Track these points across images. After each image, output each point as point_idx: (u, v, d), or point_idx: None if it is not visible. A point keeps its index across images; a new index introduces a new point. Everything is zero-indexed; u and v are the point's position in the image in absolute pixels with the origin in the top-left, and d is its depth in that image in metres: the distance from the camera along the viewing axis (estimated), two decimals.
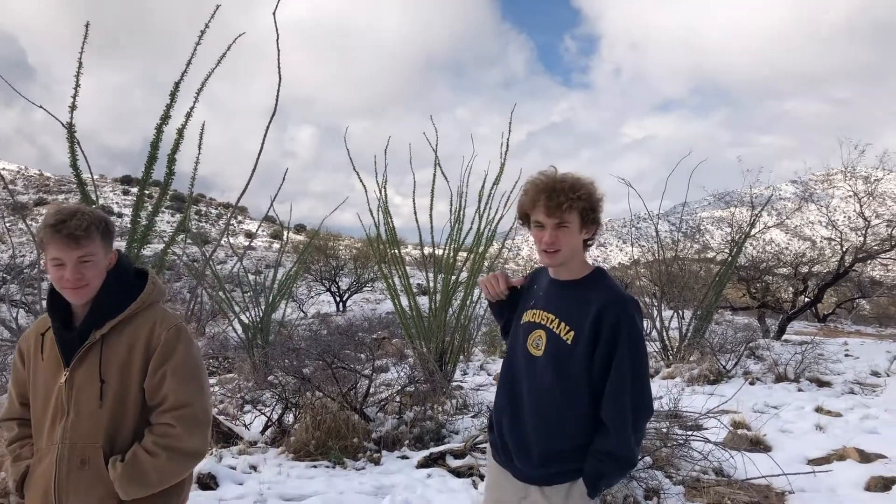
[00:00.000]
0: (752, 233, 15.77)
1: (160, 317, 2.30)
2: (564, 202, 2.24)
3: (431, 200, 9.65)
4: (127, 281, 2.31)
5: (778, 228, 18.93)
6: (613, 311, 2.25)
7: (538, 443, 2.36)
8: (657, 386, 9.83)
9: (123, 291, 2.28)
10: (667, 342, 12.98)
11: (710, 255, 18.86)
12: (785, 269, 18.69)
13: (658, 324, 13.10)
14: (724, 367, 11.24)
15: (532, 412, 2.39)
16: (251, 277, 14.45)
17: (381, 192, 9.65)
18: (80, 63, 4.81)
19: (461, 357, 9.84)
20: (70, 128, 4.92)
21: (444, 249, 9.81)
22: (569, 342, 2.31)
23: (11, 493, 2.30)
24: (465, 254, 9.98)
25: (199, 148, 5.31)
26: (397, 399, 7.60)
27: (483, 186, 9.55)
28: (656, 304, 13.73)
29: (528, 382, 2.41)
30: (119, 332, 2.25)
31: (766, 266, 18.45)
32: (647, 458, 5.21)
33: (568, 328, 2.33)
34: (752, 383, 10.20)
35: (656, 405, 7.29)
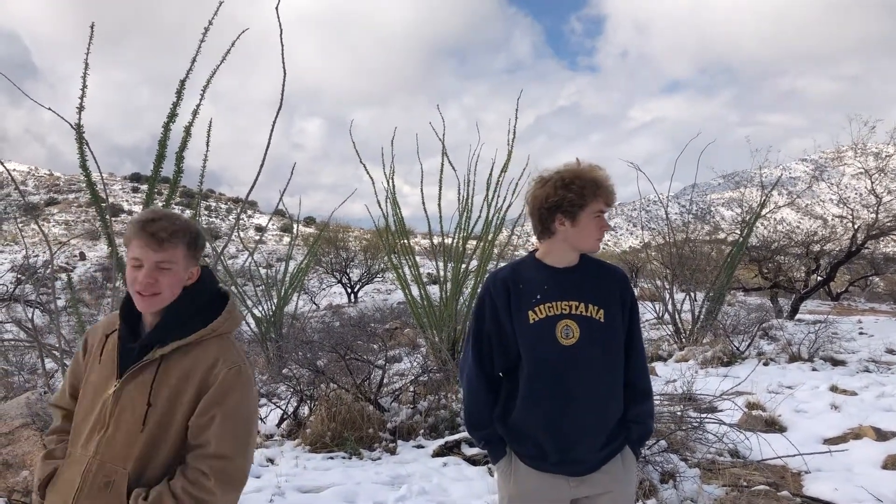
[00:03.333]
0: (763, 213, 15.68)
1: (225, 351, 2.11)
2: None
3: (440, 190, 9.66)
4: (203, 301, 2.15)
5: (789, 207, 18.84)
6: (627, 283, 2.50)
7: (601, 426, 2.43)
8: (671, 369, 9.82)
9: (197, 312, 2.12)
10: (679, 325, 12.96)
11: (721, 236, 18.79)
12: (797, 249, 18.60)
13: (670, 306, 13.08)
14: (738, 349, 11.23)
15: (588, 400, 2.40)
16: (262, 271, 14.53)
17: (388, 183, 9.67)
18: (87, 64, 4.83)
19: None
20: (78, 129, 4.93)
21: (453, 238, 9.83)
22: (602, 320, 2.41)
23: (34, 491, 2.17)
24: (474, 242, 9.99)
25: (207, 145, 5.33)
26: (411, 389, 7.63)
27: (491, 174, 9.55)
28: (668, 286, 13.70)
29: (573, 373, 2.39)
30: (180, 356, 2.07)
31: (778, 246, 18.37)
32: (662, 442, 5.21)
33: (597, 307, 2.41)
34: (765, 364, 10.18)
35: (670, 388, 7.30)
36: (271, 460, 6.00)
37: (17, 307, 14.07)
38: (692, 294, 13.22)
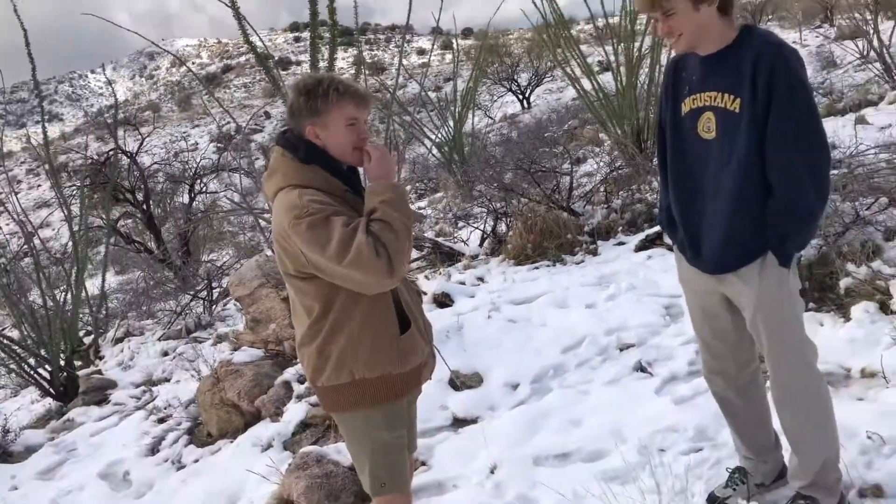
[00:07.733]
0: None
1: None
2: None
3: None
4: None
5: None
6: (767, 57, 2.08)
7: (723, 225, 2.29)
8: (885, 115, 8.90)
9: None
10: (889, 62, 11.53)
11: None
12: None
13: (875, 42, 11.62)
14: None
15: (714, 196, 2.31)
16: (433, 95, 14.62)
17: None
18: None
19: None
20: (233, 4, 5.08)
21: (620, 17, 9.19)
22: (737, 111, 2.18)
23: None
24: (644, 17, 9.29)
25: None
26: (601, 189, 7.58)
27: None
28: (871, 17, 12.10)
29: (707, 168, 2.31)
30: None
31: None
32: (883, 199, 4.85)
33: (732, 97, 2.18)
34: None
35: (885, 135, 6.66)
36: (481, 279, 6.31)
37: (224, 175, 15.36)
38: None
